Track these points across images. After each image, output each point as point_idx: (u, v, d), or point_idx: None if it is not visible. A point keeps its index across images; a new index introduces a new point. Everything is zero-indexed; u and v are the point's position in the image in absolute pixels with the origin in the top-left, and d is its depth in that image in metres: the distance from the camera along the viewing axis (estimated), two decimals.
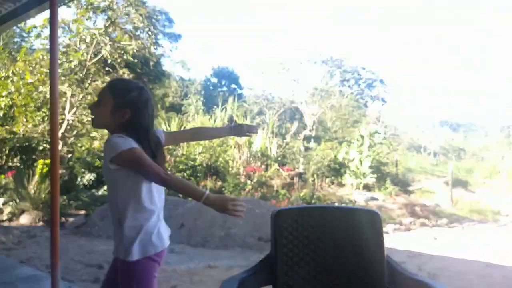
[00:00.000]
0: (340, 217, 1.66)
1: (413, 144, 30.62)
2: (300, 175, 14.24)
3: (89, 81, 9.95)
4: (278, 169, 13.95)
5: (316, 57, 23.93)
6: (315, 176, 14.06)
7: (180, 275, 4.83)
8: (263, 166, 13.90)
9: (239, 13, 72.04)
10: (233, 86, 31.70)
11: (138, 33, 12.16)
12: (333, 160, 14.98)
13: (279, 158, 15.77)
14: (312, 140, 20.23)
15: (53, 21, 3.31)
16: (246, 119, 18.41)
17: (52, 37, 3.30)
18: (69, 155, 10.29)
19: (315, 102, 23.93)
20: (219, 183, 12.30)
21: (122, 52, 10.39)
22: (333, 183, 14.19)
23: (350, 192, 13.05)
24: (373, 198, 12.38)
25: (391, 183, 13.75)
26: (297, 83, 24.09)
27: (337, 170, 14.86)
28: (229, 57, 73.52)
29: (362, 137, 15.23)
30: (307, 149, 17.83)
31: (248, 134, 2.09)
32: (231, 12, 71.89)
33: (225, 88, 31.50)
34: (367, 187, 13.81)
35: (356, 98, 28.19)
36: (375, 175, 13.83)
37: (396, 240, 7.97)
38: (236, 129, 2.06)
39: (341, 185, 14.23)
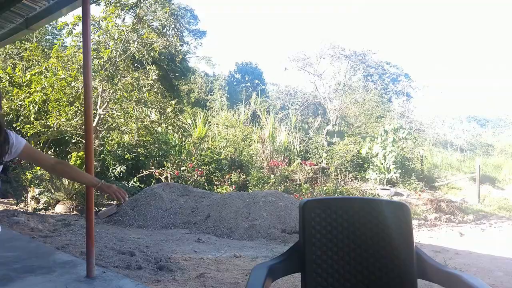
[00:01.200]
0: (369, 208, 1.69)
1: (439, 140, 29.83)
2: (323, 169, 14.24)
3: (118, 77, 10.25)
4: (301, 164, 13.99)
5: (340, 52, 23.60)
6: (338, 170, 14.03)
7: (207, 263, 4.98)
8: (286, 161, 13.98)
9: (262, 5, 71.64)
10: (257, 81, 31.73)
11: (164, 30, 12.40)
12: (356, 155, 14.88)
13: (302, 153, 15.81)
14: (335, 135, 20.08)
15: (85, 18, 3.43)
16: (269, 114, 18.46)
17: (85, 34, 3.41)
18: (101, 148, 10.67)
19: (339, 97, 23.69)
20: (243, 177, 12.47)
21: (150, 49, 10.65)
22: (356, 178, 14.10)
23: (374, 187, 12.94)
24: (397, 194, 12.25)
25: (416, 179, 13.54)
26: (320, 78, 23.87)
27: (360, 165, 14.76)
28: (252, 52, 73.46)
29: (386, 132, 15.02)
30: (330, 144, 17.74)
31: (113, 194, 2.04)
32: (255, 5, 71.60)
33: (248, 84, 31.58)
34: (391, 183, 13.65)
35: (380, 93, 27.70)
36: (399, 171, 13.65)
37: (421, 236, 7.90)
38: (104, 186, 2.05)
39: (364, 180, 14.13)
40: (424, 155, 15.83)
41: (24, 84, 10.32)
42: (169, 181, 10.40)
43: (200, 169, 11.48)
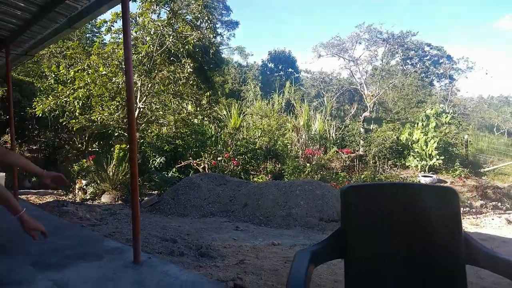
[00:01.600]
0: (413, 194, 1.64)
1: (484, 124, 28.29)
2: (360, 157, 13.96)
3: (156, 71, 10.52)
4: (337, 152, 13.79)
5: (376, 36, 22.79)
6: (376, 158, 13.70)
7: (246, 250, 5.06)
8: (322, 149, 13.83)
9: None
10: (290, 70, 31.43)
11: (198, 23, 12.52)
12: (395, 141, 14.43)
13: (338, 141, 15.56)
14: (372, 121, 19.56)
15: (125, 15, 3.49)
16: (303, 102, 18.27)
17: (125, 30, 3.47)
18: (141, 140, 11.06)
19: (376, 83, 22.99)
20: (279, 166, 12.49)
21: (184, 42, 10.82)
22: (395, 166, 13.71)
23: (415, 174, 12.53)
24: (440, 181, 11.79)
25: (460, 165, 12.95)
26: (356, 64, 23.23)
27: (400, 152, 14.31)
28: (285, 40, 72.63)
29: (427, 117, 14.43)
30: (367, 131, 17.31)
31: (54, 183, 2.10)
32: None
33: (282, 72, 31.37)
34: (433, 169, 13.15)
35: (420, 77, 26.57)
36: (442, 157, 13.10)
37: (466, 224, 7.59)
38: (49, 174, 2.09)
39: (404, 167, 13.71)
40: (468, 140, 15.07)
41: (68, 81, 10.85)
42: (207, 171, 10.63)
43: (236, 159, 11.62)
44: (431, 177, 11.92)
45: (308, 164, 12.12)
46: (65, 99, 10.37)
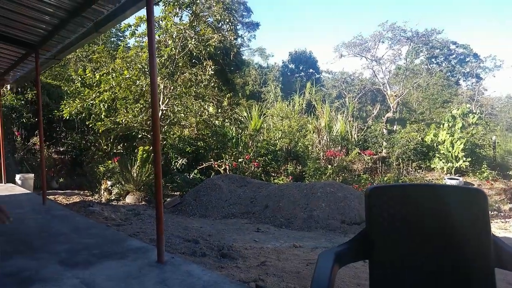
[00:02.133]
0: (440, 196, 1.61)
1: None
2: (383, 159, 13.71)
3: (178, 74, 10.68)
4: (359, 153, 13.59)
5: (400, 34, 22.35)
6: (399, 160, 13.42)
7: (267, 252, 5.06)
8: (343, 151, 13.66)
9: None
10: (311, 70, 31.23)
11: (219, 25, 12.64)
12: (420, 143, 14.09)
13: (360, 142, 15.33)
14: (395, 122, 19.18)
15: (149, 18, 3.57)
16: (325, 103, 18.12)
17: (149, 33, 3.55)
18: (163, 142, 11.24)
19: (399, 83, 22.55)
20: (299, 167, 12.42)
21: (206, 44, 10.94)
22: (420, 168, 13.39)
23: (441, 177, 12.20)
24: (466, 183, 11.42)
25: (488, 167, 12.51)
26: (378, 63, 22.85)
27: (425, 153, 13.97)
28: (306, 40, 72.27)
29: (453, 117, 14.03)
30: (390, 132, 17.00)
31: None
32: None
33: (302, 73, 31.21)
34: (459, 172, 12.76)
35: (445, 76, 25.86)
36: (469, 159, 12.69)
37: (494, 227, 7.32)
38: None
39: (429, 169, 13.36)
40: (496, 141, 14.53)
41: (94, 85, 11.16)
42: (228, 173, 10.69)
43: (256, 161, 11.64)
44: (457, 179, 11.57)
45: (329, 166, 12.00)
46: (91, 102, 10.66)
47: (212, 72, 11.01)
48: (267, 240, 5.92)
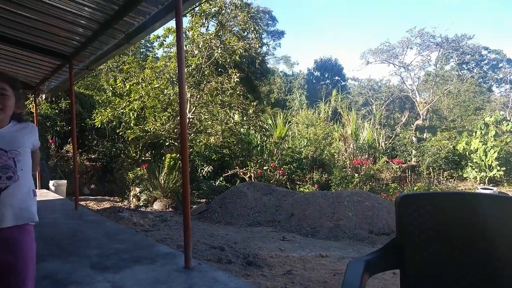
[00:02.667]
0: (474, 203, 1.56)
1: None
2: (412, 168, 13.35)
3: (204, 83, 10.87)
4: (387, 162, 13.29)
5: (429, 40, 21.85)
6: (430, 169, 13.02)
7: (293, 261, 5.01)
8: (370, 159, 13.40)
9: None
10: (337, 78, 30.97)
11: (245, 34, 12.79)
12: (451, 151, 13.63)
13: (388, 151, 15.01)
14: (425, 130, 18.66)
15: (178, 29, 3.67)
16: (351, 111, 17.89)
17: (178, 44, 3.65)
18: (190, 150, 11.42)
19: (429, 89, 21.98)
20: (325, 176, 12.27)
21: (231, 53, 11.09)
22: (452, 177, 12.93)
23: (474, 187, 11.72)
24: (501, 193, 10.91)
25: None
26: (407, 70, 22.39)
27: (456, 162, 13.50)
28: (332, 47, 71.90)
29: (486, 125, 13.52)
30: (420, 140, 16.54)
31: None
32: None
33: (328, 81, 31.01)
34: (493, 181, 12.23)
35: (477, 82, 24.99)
36: (504, 168, 12.15)
37: None
38: None
39: (461, 179, 12.89)
40: None
41: (124, 94, 11.51)
42: (253, 180, 10.71)
43: (281, 169, 11.60)
44: (491, 189, 11.08)
45: (356, 175, 11.79)
46: (121, 110, 11.00)
47: (238, 80, 11.12)
48: (292, 249, 5.86)
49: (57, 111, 12.18)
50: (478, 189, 11.36)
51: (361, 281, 1.22)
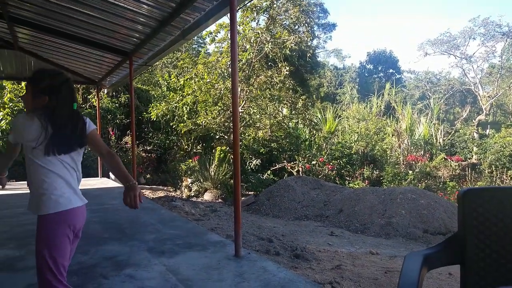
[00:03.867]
0: None
1: None
2: (473, 166, 12.50)
3: (254, 77, 10.96)
4: (445, 159, 12.56)
5: (494, 30, 20.18)
6: (493, 167, 12.11)
7: (341, 257, 4.94)
8: (427, 156, 12.74)
9: None
10: (391, 70, 29.71)
11: (296, 27, 12.68)
12: None
13: (447, 147, 14.18)
14: (488, 126, 17.35)
15: (232, 25, 3.75)
16: (406, 105, 17.10)
17: (232, 39, 3.73)
18: (240, 143, 11.59)
19: (493, 82, 20.37)
20: (377, 172, 11.89)
21: (282, 46, 11.05)
22: None
23: None
24: None
25: None
26: (469, 61, 20.89)
27: None
28: (386, 39, 68.96)
29: None
30: (482, 136, 15.42)
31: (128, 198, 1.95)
32: None
33: (381, 74, 29.85)
34: None
35: None
36: None
37: None
38: (130, 187, 1.97)
39: None
40: None
41: (178, 89, 11.95)
42: (301, 174, 10.66)
43: (330, 164, 11.42)
44: None
45: (410, 172, 11.29)
46: (175, 104, 11.44)
47: (287, 73, 11.08)
48: (341, 245, 5.78)
49: (117, 105, 12.95)
50: None
51: (420, 274, 1.19)
